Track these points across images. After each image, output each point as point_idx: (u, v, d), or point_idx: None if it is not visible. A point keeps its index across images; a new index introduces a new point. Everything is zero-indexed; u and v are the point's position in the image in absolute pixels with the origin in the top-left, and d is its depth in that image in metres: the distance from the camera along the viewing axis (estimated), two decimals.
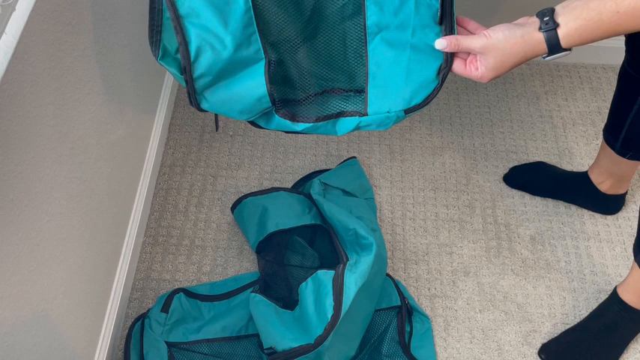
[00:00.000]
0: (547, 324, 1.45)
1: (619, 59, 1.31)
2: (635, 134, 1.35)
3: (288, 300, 1.36)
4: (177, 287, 1.44)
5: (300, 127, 0.99)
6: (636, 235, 1.25)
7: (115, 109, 1.32)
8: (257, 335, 1.34)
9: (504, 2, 1.81)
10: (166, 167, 1.67)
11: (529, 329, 1.44)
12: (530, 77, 1.91)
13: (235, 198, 1.59)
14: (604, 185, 1.55)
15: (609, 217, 1.61)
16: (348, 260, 1.33)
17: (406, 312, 1.40)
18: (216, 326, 1.38)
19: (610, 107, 1.40)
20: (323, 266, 1.38)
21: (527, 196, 1.65)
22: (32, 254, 0.98)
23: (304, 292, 1.30)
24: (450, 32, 0.93)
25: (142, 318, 1.37)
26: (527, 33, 0.86)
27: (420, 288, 1.49)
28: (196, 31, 0.91)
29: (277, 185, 1.64)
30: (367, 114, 0.99)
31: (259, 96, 0.96)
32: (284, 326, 1.29)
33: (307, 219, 1.47)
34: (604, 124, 1.44)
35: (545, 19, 0.84)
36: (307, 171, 1.67)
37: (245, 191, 1.62)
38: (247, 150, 1.71)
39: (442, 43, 0.92)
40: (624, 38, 1.25)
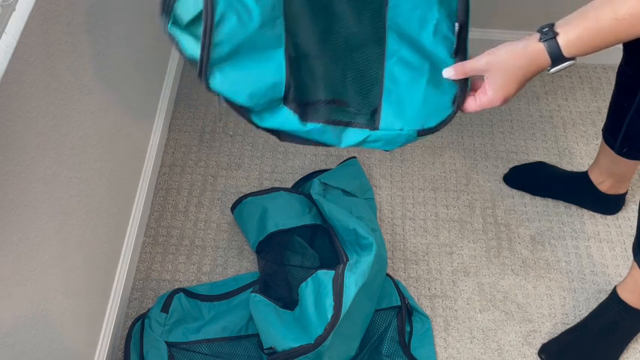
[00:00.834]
0: (547, 324, 1.45)
1: (619, 59, 1.31)
2: (634, 133, 1.35)
3: (288, 300, 1.36)
4: (177, 287, 1.44)
5: (308, 127, 0.94)
6: (635, 235, 1.25)
7: (115, 109, 1.32)
8: (257, 335, 1.34)
9: (504, 3, 1.81)
10: (166, 167, 1.67)
11: (529, 329, 1.44)
12: None
13: (235, 198, 1.59)
14: (604, 185, 1.55)
15: (609, 217, 1.61)
16: (348, 260, 1.33)
17: (406, 312, 1.40)
18: (216, 326, 1.38)
19: (609, 107, 1.40)
20: (323, 266, 1.38)
21: (527, 196, 1.65)
22: (32, 254, 0.98)
23: (304, 292, 1.30)
24: None
25: (142, 318, 1.37)
26: (528, 45, 0.86)
27: (420, 288, 1.49)
28: None
29: (277, 185, 1.64)
30: (378, 128, 0.95)
31: (275, 82, 0.91)
32: (284, 326, 1.29)
33: (307, 219, 1.47)
34: (603, 124, 1.44)
35: (544, 30, 0.85)
36: (307, 171, 1.67)
37: (245, 191, 1.62)
38: (247, 150, 1.71)
39: (449, 72, 0.92)
40: None
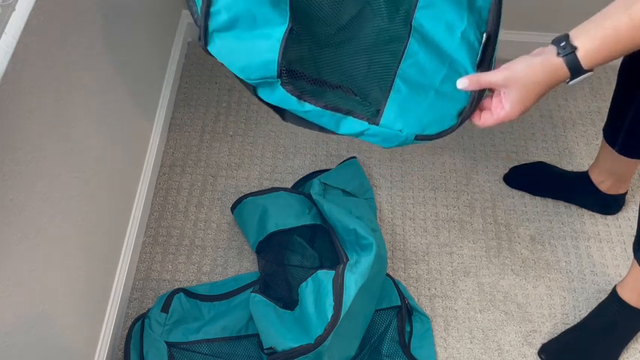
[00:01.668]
0: (547, 324, 1.45)
1: (618, 59, 1.31)
2: (634, 132, 1.35)
3: (288, 300, 1.36)
4: (177, 287, 1.44)
5: (305, 107, 0.93)
6: (636, 234, 1.25)
7: (115, 109, 1.32)
8: (257, 335, 1.34)
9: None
10: (166, 167, 1.67)
11: (529, 329, 1.44)
12: None
13: (235, 198, 1.59)
14: (604, 185, 1.55)
15: (609, 217, 1.61)
16: (348, 260, 1.33)
17: (406, 312, 1.40)
18: (216, 326, 1.38)
19: (610, 105, 1.40)
20: (323, 266, 1.38)
21: (527, 196, 1.65)
22: (32, 254, 0.98)
23: (304, 292, 1.30)
24: None
25: (142, 318, 1.37)
26: (545, 60, 0.85)
27: (420, 288, 1.49)
28: None
29: (277, 185, 1.64)
30: (378, 124, 0.94)
31: (267, 60, 0.90)
32: (284, 326, 1.29)
33: (307, 219, 1.47)
34: (604, 123, 1.44)
35: (561, 45, 0.83)
36: (307, 171, 1.67)
37: (245, 191, 1.62)
38: (247, 150, 1.71)
39: (463, 82, 0.90)
40: None
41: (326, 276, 1.29)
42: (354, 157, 1.68)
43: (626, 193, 1.59)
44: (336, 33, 0.94)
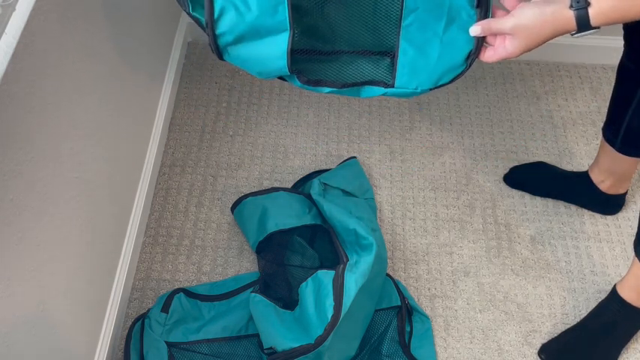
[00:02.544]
0: (547, 324, 1.45)
1: (618, 59, 1.31)
2: (634, 130, 1.35)
3: (288, 300, 1.36)
4: (177, 287, 1.44)
5: (325, 90, 1.02)
6: (637, 232, 1.25)
7: (115, 110, 1.32)
8: (257, 335, 1.34)
9: None
10: (166, 167, 1.67)
11: (529, 329, 1.44)
12: (530, 77, 1.91)
13: (235, 198, 1.59)
14: (604, 185, 1.55)
15: (609, 217, 1.61)
16: (348, 260, 1.33)
17: (406, 312, 1.40)
18: (216, 326, 1.38)
19: (609, 104, 1.39)
20: (323, 266, 1.38)
21: (527, 196, 1.65)
22: (32, 254, 0.98)
23: (304, 292, 1.30)
24: (485, 17, 0.93)
25: (142, 318, 1.37)
26: (557, 11, 0.85)
27: (420, 288, 1.49)
28: None
29: (277, 185, 1.64)
30: (394, 86, 1.01)
31: (278, 67, 0.99)
32: (284, 326, 1.29)
33: (307, 219, 1.47)
34: (604, 122, 1.44)
35: None
36: (307, 171, 1.67)
37: (245, 191, 1.62)
38: (247, 150, 1.71)
39: (476, 30, 0.92)
40: (622, 32, 1.25)
41: (326, 276, 1.29)
42: (354, 157, 1.68)
43: (626, 193, 1.59)
44: (335, 9, 0.99)
